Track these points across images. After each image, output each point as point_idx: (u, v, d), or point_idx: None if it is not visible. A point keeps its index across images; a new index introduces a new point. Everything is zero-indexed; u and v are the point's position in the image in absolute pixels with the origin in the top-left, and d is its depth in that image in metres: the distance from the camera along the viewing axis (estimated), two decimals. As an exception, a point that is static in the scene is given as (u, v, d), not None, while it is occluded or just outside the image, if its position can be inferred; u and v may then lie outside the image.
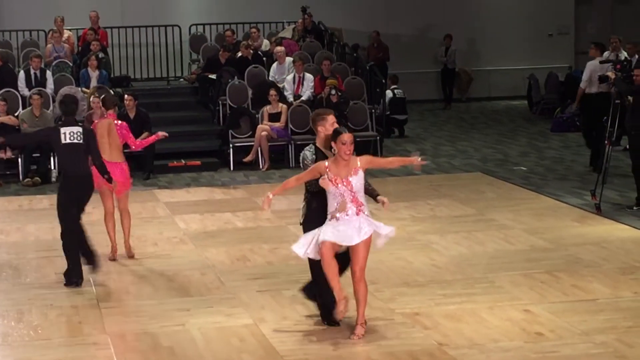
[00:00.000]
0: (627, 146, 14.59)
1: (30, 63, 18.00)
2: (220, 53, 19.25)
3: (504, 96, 25.91)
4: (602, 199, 12.94)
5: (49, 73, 18.03)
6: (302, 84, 18.27)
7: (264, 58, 19.64)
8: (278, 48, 19.12)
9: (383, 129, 18.78)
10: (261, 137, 17.03)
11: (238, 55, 19.33)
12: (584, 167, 16.21)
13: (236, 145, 17.33)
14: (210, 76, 18.89)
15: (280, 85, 18.27)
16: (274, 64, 18.94)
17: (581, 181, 15.05)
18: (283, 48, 19.14)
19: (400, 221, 12.59)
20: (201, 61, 20.43)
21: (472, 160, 17.56)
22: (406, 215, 13.02)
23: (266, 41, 20.79)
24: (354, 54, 20.53)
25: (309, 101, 18.00)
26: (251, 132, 17.38)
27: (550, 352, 7.85)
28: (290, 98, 18.07)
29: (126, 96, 15.99)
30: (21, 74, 17.90)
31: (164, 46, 21.84)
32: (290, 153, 17.36)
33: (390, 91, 20.46)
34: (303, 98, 18.08)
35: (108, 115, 11.19)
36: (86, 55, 18.82)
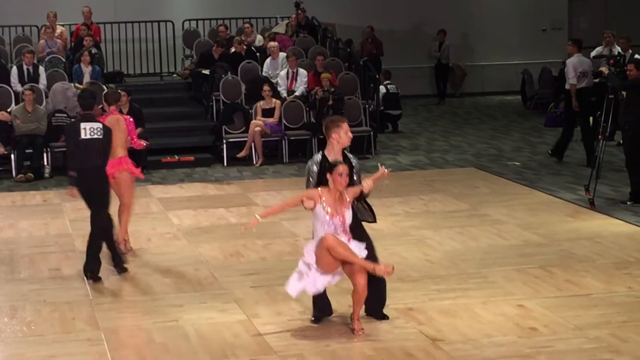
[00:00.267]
0: (621, 141, 14.61)
1: (22, 59, 17.94)
2: (213, 48, 19.22)
3: (498, 91, 25.92)
4: (596, 194, 12.95)
5: (42, 69, 17.96)
6: (296, 80, 18.24)
7: (258, 53, 19.60)
8: (271, 43, 19.10)
9: (377, 125, 18.76)
10: (255, 133, 17.01)
11: (231, 50, 19.30)
12: (577, 163, 16.24)
13: (230, 140, 17.30)
14: (203, 72, 18.85)
15: (273, 80, 18.24)
16: (268, 60, 18.91)
17: (575, 176, 15.06)
18: (276, 43, 19.12)
19: (393, 216, 12.60)
20: (194, 57, 20.38)
21: (466, 155, 17.56)
22: (400, 210, 13.02)
23: (259, 36, 20.76)
24: (348, 49, 20.51)
25: (303, 96, 17.98)
26: (245, 128, 17.36)
27: (544, 347, 7.85)
28: (283, 93, 18.04)
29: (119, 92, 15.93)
30: (14, 70, 17.84)
31: (157, 42, 21.80)
32: (283, 148, 17.34)
33: (383, 87, 20.44)
34: (296, 93, 18.05)
35: (111, 111, 11.15)
36: (79, 50, 18.77)
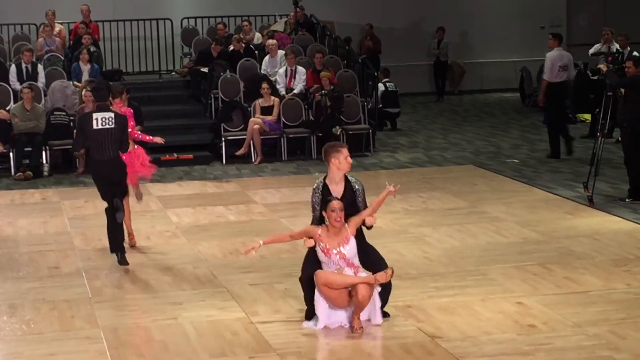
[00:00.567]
0: (620, 138, 14.61)
1: (21, 57, 17.93)
2: (212, 46, 19.21)
3: (496, 89, 25.91)
4: (595, 191, 12.95)
5: (41, 67, 17.96)
6: (294, 77, 18.24)
7: (256, 51, 19.60)
8: (270, 41, 19.09)
9: (375, 122, 18.76)
10: (253, 131, 17.00)
11: (230, 48, 19.29)
12: (575, 159, 16.27)
13: (228, 138, 17.30)
14: (202, 69, 18.84)
15: (272, 78, 18.24)
16: (266, 57, 18.91)
17: (573, 173, 15.06)
18: (275, 41, 19.11)
19: (392, 214, 12.60)
20: (193, 54, 20.38)
21: (465, 152, 17.56)
22: (399, 208, 13.02)
23: (258, 34, 20.75)
24: (346, 47, 20.51)
25: (301, 94, 17.98)
26: (243, 126, 17.35)
27: (542, 344, 7.85)
28: (282, 91, 18.04)
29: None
30: (12, 68, 17.83)
31: (156, 40, 21.78)
32: (282, 146, 17.34)
33: (382, 84, 20.43)
34: (295, 91, 18.04)
35: (115, 103, 11.16)
36: (78, 48, 18.76)
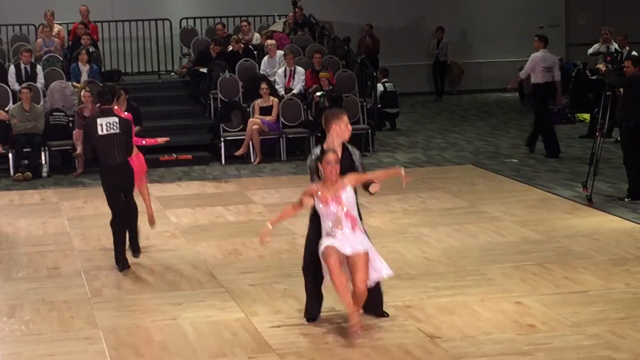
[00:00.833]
0: (619, 138, 14.62)
1: (20, 57, 17.94)
2: (211, 47, 19.22)
3: (495, 88, 25.88)
4: (594, 191, 12.96)
5: (40, 67, 17.96)
6: (293, 78, 18.24)
7: (255, 51, 19.61)
8: (269, 41, 19.10)
9: (374, 122, 18.77)
10: (252, 131, 17.01)
11: (229, 48, 19.29)
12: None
13: (227, 139, 17.30)
14: (201, 70, 18.85)
15: (271, 78, 18.24)
16: (265, 58, 18.91)
17: (572, 173, 15.07)
18: (274, 41, 19.12)
19: (391, 214, 12.61)
20: (192, 55, 20.39)
21: (464, 152, 17.57)
22: (398, 208, 13.02)
23: (257, 34, 20.77)
24: (345, 47, 20.51)
25: (300, 94, 17.98)
26: (242, 126, 17.36)
27: (542, 344, 7.86)
28: (281, 91, 18.04)
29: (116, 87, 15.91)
30: (11, 69, 17.83)
31: (155, 40, 21.80)
32: (281, 146, 17.34)
33: (381, 84, 20.44)
34: (294, 91, 18.05)
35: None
36: (77, 49, 18.77)
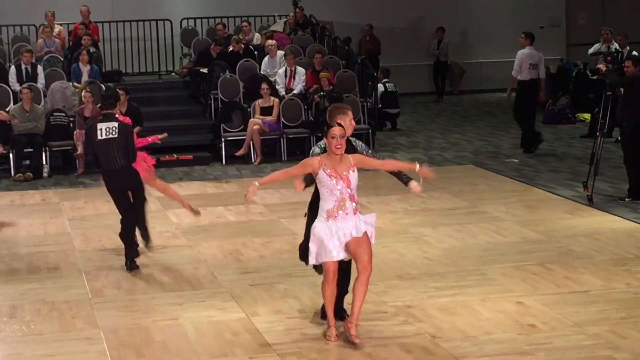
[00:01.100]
0: (619, 138, 14.62)
1: (21, 58, 17.93)
2: (211, 47, 19.23)
3: (496, 88, 25.83)
4: (594, 191, 12.96)
5: (40, 68, 17.96)
6: (294, 78, 18.25)
7: (256, 52, 19.61)
8: (269, 42, 19.10)
9: (375, 123, 18.78)
10: (253, 131, 17.01)
11: (229, 49, 19.30)
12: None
13: (228, 139, 17.30)
14: (201, 70, 18.85)
15: (271, 78, 18.25)
16: (266, 58, 18.91)
17: (573, 173, 15.07)
18: (274, 42, 19.12)
19: (392, 214, 12.61)
20: (192, 55, 20.39)
21: (465, 152, 17.57)
22: (398, 208, 13.02)
23: (257, 35, 20.77)
24: (346, 47, 20.51)
25: (301, 95, 17.99)
26: (243, 126, 17.36)
27: (542, 344, 7.86)
28: (282, 92, 18.04)
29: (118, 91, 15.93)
30: (12, 69, 17.83)
31: (155, 40, 21.80)
32: (282, 147, 17.34)
33: (382, 85, 20.44)
34: (295, 92, 18.05)
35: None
36: (77, 49, 18.78)
